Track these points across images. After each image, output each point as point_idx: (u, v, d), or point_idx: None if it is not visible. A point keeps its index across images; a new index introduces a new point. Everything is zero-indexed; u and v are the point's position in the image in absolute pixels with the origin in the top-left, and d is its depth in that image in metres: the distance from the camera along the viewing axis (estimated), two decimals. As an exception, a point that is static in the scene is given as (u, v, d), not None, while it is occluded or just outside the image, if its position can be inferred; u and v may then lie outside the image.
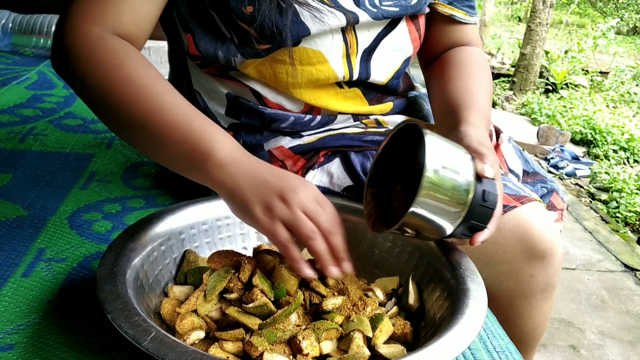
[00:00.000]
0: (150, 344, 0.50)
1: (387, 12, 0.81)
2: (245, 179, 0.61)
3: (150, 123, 0.64)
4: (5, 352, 0.61)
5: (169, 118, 0.63)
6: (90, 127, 1.32)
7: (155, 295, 0.66)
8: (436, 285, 0.68)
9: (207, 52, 0.80)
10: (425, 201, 0.59)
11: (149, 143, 0.66)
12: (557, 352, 1.86)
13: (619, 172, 3.54)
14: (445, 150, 0.62)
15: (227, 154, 0.62)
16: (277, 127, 0.88)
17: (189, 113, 0.64)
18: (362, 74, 0.85)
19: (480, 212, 0.63)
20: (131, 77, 0.65)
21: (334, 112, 0.88)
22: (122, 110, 0.65)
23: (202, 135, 0.62)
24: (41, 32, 1.91)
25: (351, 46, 0.82)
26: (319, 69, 0.81)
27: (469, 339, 0.56)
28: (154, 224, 0.70)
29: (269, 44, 0.77)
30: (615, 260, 2.52)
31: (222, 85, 0.86)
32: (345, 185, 0.85)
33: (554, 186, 1.01)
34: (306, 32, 0.76)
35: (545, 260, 0.81)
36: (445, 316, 0.62)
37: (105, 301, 0.55)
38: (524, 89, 5.41)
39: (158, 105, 0.64)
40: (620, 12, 10.83)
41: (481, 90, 0.84)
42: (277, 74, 0.81)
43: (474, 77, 0.87)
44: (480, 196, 0.62)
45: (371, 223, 0.68)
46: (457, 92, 0.83)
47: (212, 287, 0.62)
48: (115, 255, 0.62)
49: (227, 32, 0.78)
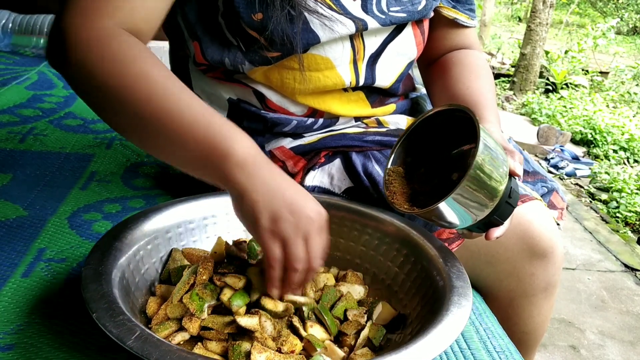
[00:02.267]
0: (134, 343, 0.50)
1: (395, 19, 0.82)
2: (261, 183, 0.59)
3: (166, 120, 0.61)
4: (5, 352, 0.61)
5: (188, 115, 0.61)
6: (90, 127, 1.32)
7: (141, 294, 0.66)
8: (422, 283, 0.68)
9: (214, 61, 0.79)
10: (465, 191, 0.60)
11: (164, 142, 0.63)
12: (557, 352, 1.86)
13: (619, 172, 3.54)
14: (492, 144, 0.62)
15: (248, 154, 0.60)
16: (279, 131, 0.88)
17: (207, 111, 0.62)
18: (367, 79, 0.85)
19: (504, 208, 0.64)
20: (146, 74, 0.62)
21: (337, 115, 0.88)
22: (135, 107, 0.61)
23: (222, 133, 0.60)
24: (41, 32, 1.91)
25: (358, 52, 0.82)
26: (327, 75, 0.81)
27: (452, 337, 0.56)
28: (140, 222, 0.69)
29: (278, 52, 0.77)
30: (616, 260, 2.52)
31: (224, 90, 0.86)
32: (345, 187, 0.84)
33: (554, 185, 1.01)
34: (316, 40, 0.76)
35: (546, 259, 0.81)
36: (430, 314, 0.62)
37: (90, 300, 0.55)
38: (524, 89, 5.41)
39: (175, 102, 0.61)
40: (620, 12, 10.84)
41: (490, 91, 0.85)
42: (284, 80, 0.81)
43: (482, 78, 0.88)
44: (508, 193, 0.64)
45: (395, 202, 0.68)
46: (470, 92, 0.84)
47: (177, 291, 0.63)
48: (101, 254, 0.62)
49: (233, 39, 0.78)
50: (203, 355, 0.51)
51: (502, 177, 0.62)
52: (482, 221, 0.65)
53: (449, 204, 0.61)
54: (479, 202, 0.62)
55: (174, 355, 0.49)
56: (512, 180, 0.65)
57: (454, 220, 0.64)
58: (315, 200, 0.61)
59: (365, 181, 0.82)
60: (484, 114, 0.79)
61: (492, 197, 0.62)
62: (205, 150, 0.60)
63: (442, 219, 0.64)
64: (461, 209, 0.62)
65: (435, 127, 0.68)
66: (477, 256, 0.81)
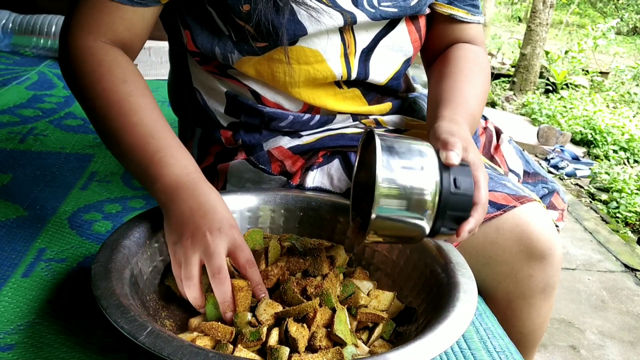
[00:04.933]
0: (146, 339, 0.50)
1: (385, 13, 0.81)
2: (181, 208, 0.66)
3: (116, 139, 0.71)
4: (5, 352, 0.61)
5: (130, 138, 0.69)
6: (90, 127, 1.32)
7: (149, 292, 0.66)
8: (427, 280, 0.69)
9: (204, 48, 0.80)
10: (385, 204, 0.58)
11: (118, 157, 0.74)
12: (557, 352, 1.86)
13: (619, 172, 3.54)
14: (399, 150, 0.60)
15: (172, 180, 0.68)
16: (276, 126, 0.88)
17: (149, 134, 0.70)
18: (360, 74, 0.85)
19: (456, 200, 0.61)
20: (106, 92, 0.71)
21: (333, 111, 0.88)
22: (99, 124, 0.72)
23: (154, 158, 0.68)
24: (41, 32, 1.91)
25: (349, 46, 0.82)
26: (317, 68, 0.81)
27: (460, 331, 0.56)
28: (147, 221, 0.70)
29: (265, 42, 0.77)
30: (616, 261, 2.52)
31: (221, 84, 0.87)
32: (346, 188, 0.84)
33: (554, 186, 1.01)
34: (303, 32, 0.77)
35: (544, 261, 0.81)
36: (436, 310, 0.62)
37: (101, 297, 0.56)
38: (524, 89, 5.41)
39: (124, 123, 0.70)
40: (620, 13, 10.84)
41: (467, 86, 0.83)
42: (274, 73, 0.81)
43: (464, 74, 0.86)
44: (451, 184, 0.61)
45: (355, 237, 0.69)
46: (442, 91, 0.83)
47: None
48: (110, 252, 0.63)
49: (225, 28, 0.78)
50: (215, 351, 0.51)
51: (425, 179, 0.60)
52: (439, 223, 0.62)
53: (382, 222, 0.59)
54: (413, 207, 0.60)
55: (185, 350, 0.49)
56: (456, 170, 0.62)
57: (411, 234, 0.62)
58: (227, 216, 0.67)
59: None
60: (441, 112, 0.77)
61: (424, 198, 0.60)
62: (140, 173, 0.70)
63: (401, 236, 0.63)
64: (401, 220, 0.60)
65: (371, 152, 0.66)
66: (475, 257, 0.81)
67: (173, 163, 0.69)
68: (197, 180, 0.69)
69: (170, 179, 0.68)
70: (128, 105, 0.70)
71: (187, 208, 0.66)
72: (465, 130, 0.73)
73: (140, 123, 0.70)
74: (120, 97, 0.70)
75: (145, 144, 0.69)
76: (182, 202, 0.66)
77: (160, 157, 0.68)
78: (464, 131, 0.72)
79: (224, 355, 0.51)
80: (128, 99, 0.71)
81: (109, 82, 0.71)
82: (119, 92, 0.71)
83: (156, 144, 0.69)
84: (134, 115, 0.70)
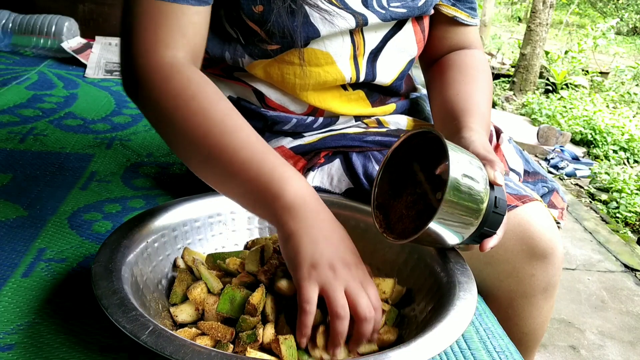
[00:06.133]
0: (148, 338, 0.51)
1: (395, 14, 0.81)
2: (306, 230, 0.60)
3: (222, 158, 0.64)
4: (5, 352, 0.61)
5: (242, 155, 0.63)
6: (90, 127, 1.32)
7: (149, 292, 0.66)
8: (427, 279, 0.69)
9: (214, 54, 0.80)
10: (446, 212, 0.59)
11: (220, 177, 0.66)
12: (557, 352, 1.86)
13: (619, 172, 3.54)
14: (464, 160, 0.62)
15: (296, 197, 0.61)
16: (279, 129, 0.88)
17: (262, 150, 0.64)
18: (368, 75, 0.85)
19: (493, 219, 0.63)
20: (205, 111, 0.65)
21: (337, 114, 0.88)
22: (196, 143, 0.65)
23: (274, 174, 0.62)
24: (41, 32, 1.91)
25: (358, 47, 0.82)
26: (327, 70, 0.81)
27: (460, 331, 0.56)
28: (147, 221, 0.70)
29: (278, 45, 0.77)
30: (615, 261, 2.52)
31: (225, 87, 0.86)
32: (345, 188, 0.84)
33: (554, 186, 1.01)
34: (316, 34, 0.77)
35: (546, 260, 0.81)
36: (435, 309, 0.62)
37: (102, 297, 0.56)
38: (524, 89, 5.41)
39: (232, 140, 0.64)
40: (620, 13, 10.84)
41: (481, 95, 0.84)
42: (284, 75, 0.81)
43: (475, 81, 0.87)
44: (493, 203, 0.63)
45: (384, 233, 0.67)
46: (458, 97, 0.83)
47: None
48: (110, 251, 0.63)
49: (232, 31, 0.78)
50: (216, 350, 0.51)
51: (482, 192, 0.62)
52: (472, 236, 0.64)
53: (432, 229, 0.60)
54: (463, 221, 0.62)
55: (187, 349, 0.50)
56: (497, 189, 0.64)
57: (444, 241, 0.64)
58: (353, 252, 0.62)
59: (365, 184, 0.82)
60: (468, 121, 0.77)
61: (475, 213, 0.62)
62: (257, 191, 0.63)
63: (432, 242, 0.64)
64: (447, 229, 0.61)
65: (413, 149, 0.68)
66: (477, 257, 0.81)
67: (293, 180, 0.63)
68: (317, 196, 0.64)
69: (295, 196, 0.61)
70: (233, 122, 0.66)
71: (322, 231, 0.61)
72: (488, 142, 0.75)
73: (250, 140, 0.65)
74: (222, 115, 0.65)
75: (261, 160, 0.63)
76: (313, 223, 0.61)
77: (281, 172, 0.63)
78: (489, 145, 0.73)
79: (226, 354, 0.51)
80: (229, 116, 0.66)
81: (205, 100, 0.65)
82: (219, 110, 0.66)
83: (272, 160, 0.64)
84: (242, 132, 0.65)
